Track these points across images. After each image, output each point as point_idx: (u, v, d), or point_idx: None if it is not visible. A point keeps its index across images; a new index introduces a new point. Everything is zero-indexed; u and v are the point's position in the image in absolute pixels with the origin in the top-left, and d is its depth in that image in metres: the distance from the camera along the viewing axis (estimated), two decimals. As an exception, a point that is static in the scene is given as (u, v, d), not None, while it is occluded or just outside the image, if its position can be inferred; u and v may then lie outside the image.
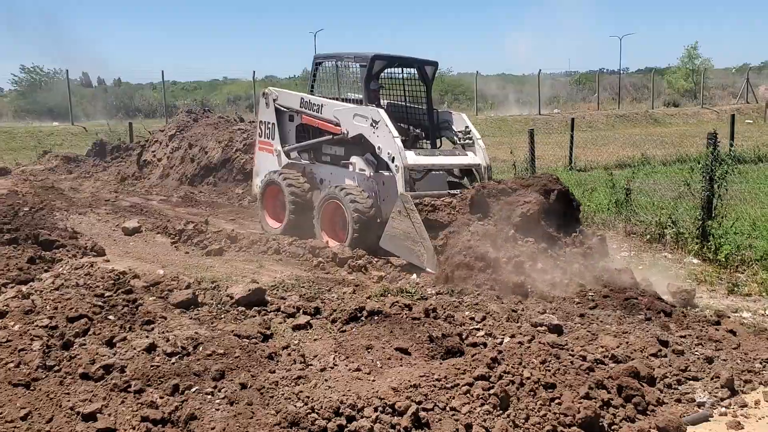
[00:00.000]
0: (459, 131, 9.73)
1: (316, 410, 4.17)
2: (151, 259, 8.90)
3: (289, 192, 10.22)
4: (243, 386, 4.52)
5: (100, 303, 5.84)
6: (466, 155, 9.44)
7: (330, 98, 10.35)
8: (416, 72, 10.24)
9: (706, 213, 9.02)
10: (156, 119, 35.17)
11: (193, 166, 15.94)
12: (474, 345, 5.51)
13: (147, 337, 5.32)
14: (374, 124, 8.95)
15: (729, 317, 6.75)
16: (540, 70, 42.36)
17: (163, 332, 5.59)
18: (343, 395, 4.31)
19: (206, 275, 7.85)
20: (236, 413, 4.18)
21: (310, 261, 8.83)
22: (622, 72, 66.87)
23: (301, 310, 6.47)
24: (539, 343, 5.45)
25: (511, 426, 4.21)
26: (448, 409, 4.29)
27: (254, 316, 6.23)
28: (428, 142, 10.19)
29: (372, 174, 9.41)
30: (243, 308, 6.43)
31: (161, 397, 4.32)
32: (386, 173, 9.26)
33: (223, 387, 4.55)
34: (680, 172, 10.16)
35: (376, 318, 6.29)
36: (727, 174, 8.86)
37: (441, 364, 4.99)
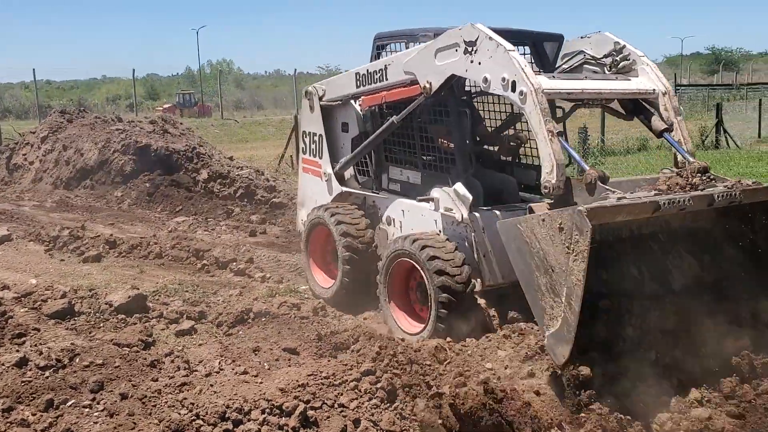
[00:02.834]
0: (605, 56, 6.16)
1: (201, 416, 4.07)
2: (22, 269, 8.43)
3: (342, 239, 6.86)
4: (123, 397, 4.36)
5: (-37, 318, 5.48)
6: (629, 81, 5.86)
7: None
8: (526, 50, 6.73)
9: None
10: (29, 120, 33.31)
11: (68, 169, 15.21)
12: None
13: (17, 351, 5.04)
14: (471, 47, 5.56)
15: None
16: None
17: (35, 345, 5.33)
18: (230, 399, 4.23)
19: (83, 283, 7.53)
20: (116, 425, 4.04)
21: (194, 264, 8.62)
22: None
23: (184, 315, 6.34)
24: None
25: (398, 418, 4.27)
26: (336, 406, 4.30)
27: (135, 324, 6.04)
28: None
29: (465, 216, 5.88)
30: (123, 316, 6.23)
31: (33, 414, 4.10)
32: (487, 213, 5.94)
33: (102, 399, 4.38)
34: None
35: (263, 319, 6.25)
36: (597, 166, 9.35)
37: (329, 361, 5.00)
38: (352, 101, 7.40)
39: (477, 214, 5.87)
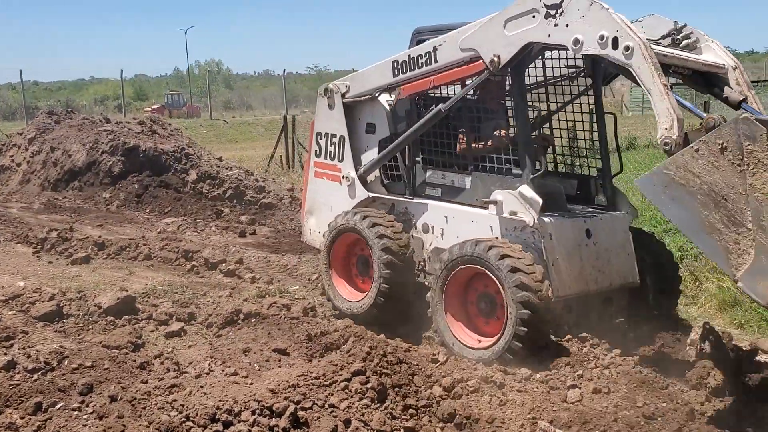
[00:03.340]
0: (662, 37, 5.71)
1: (191, 418, 4.06)
2: (10, 271, 8.36)
3: (380, 246, 6.19)
4: (113, 399, 4.35)
5: (-50, 321, 5.45)
6: (699, 56, 5.60)
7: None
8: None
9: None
10: (16, 122, 33.05)
11: (56, 171, 15.12)
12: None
13: (5, 354, 5.02)
14: (554, 10, 5.18)
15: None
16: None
17: (23, 348, 5.32)
18: (220, 401, 4.22)
19: (72, 285, 7.48)
20: (106, 428, 4.02)
21: (184, 265, 8.59)
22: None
23: (174, 317, 6.32)
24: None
25: (388, 418, 4.28)
26: (326, 406, 4.30)
27: (124, 326, 6.02)
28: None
29: (536, 220, 5.45)
30: (112, 318, 6.21)
31: (22, 417, 4.09)
32: (556, 218, 5.63)
33: (92, 401, 4.37)
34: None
35: (253, 320, 6.25)
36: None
37: (319, 362, 5.00)
38: (381, 99, 6.89)
39: (545, 219, 5.50)
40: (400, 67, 6.41)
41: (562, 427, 4.23)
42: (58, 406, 4.29)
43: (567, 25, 5.13)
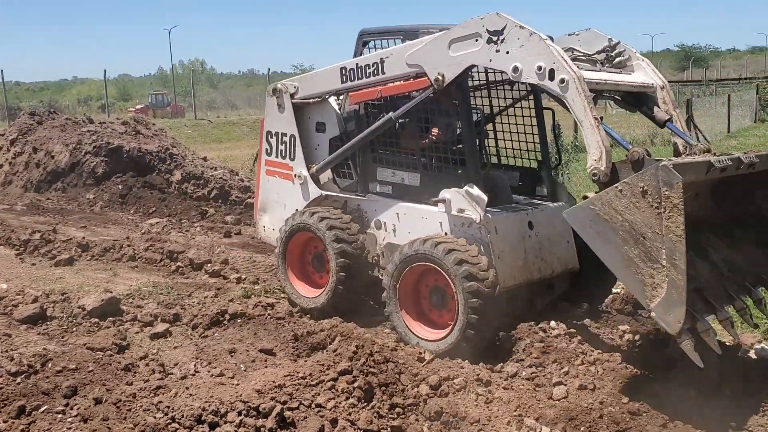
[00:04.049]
0: (597, 53, 6.07)
1: (176, 420, 4.05)
2: (-8, 273, 8.29)
3: (335, 244, 6.44)
4: (97, 401, 4.32)
5: (-69, 324, 5.39)
6: (630, 74, 5.98)
7: None
8: None
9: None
10: (-4, 122, 32.71)
11: (38, 172, 14.98)
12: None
13: (-12, 357, 4.96)
14: (495, 37, 5.39)
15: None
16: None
17: (6, 351, 5.27)
18: (206, 402, 4.21)
19: (55, 287, 7.42)
20: (90, 430, 4.01)
21: (169, 266, 8.54)
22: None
23: (159, 318, 6.29)
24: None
25: (375, 417, 4.28)
26: (313, 406, 4.30)
27: (108, 327, 5.99)
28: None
29: (482, 217, 5.68)
30: (96, 319, 6.17)
31: (5, 421, 4.06)
32: (500, 214, 5.94)
33: (76, 404, 4.34)
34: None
35: (239, 321, 6.23)
36: (570, 162, 9.42)
37: (306, 362, 4.99)
38: (331, 99, 7.08)
39: (490, 215, 5.73)
40: (348, 74, 6.57)
41: (548, 424, 4.24)
42: (41, 409, 4.25)
43: (507, 53, 5.33)
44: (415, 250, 5.73)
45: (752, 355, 5.46)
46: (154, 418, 4.07)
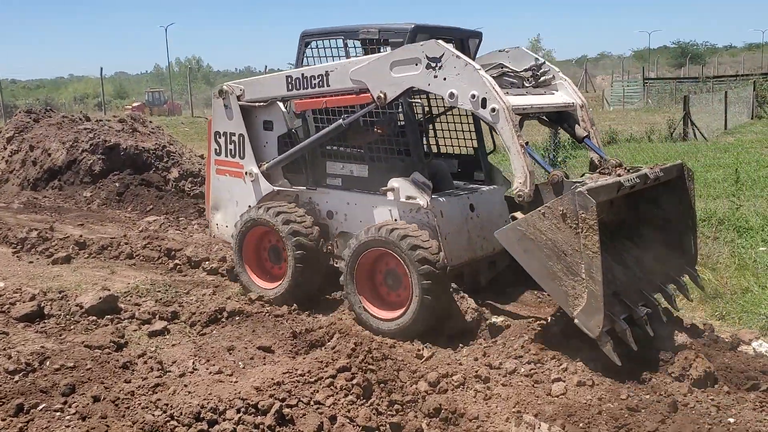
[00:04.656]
0: (524, 70, 6.61)
1: (175, 417, 4.04)
2: (-11, 272, 8.27)
3: (291, 236, 6.68)
4: (96, 399, 4.31)
5: (-71, 323, 5.37)
6: (554, 94, 6.51)
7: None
8: (454, 47, 6.61)
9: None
10: (-8, 120, 32.62)
11: (35, 170, 14.95)
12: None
13: (-14, 355, 4.95)
14: (434, 63, 5.83)
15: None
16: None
17: (4, 349, 5.25)
18: (204, 399, 4.20)
19: (53, 285, 7.41)
20: (89, 428, 3.99)
21: (167, 264, 8.53)
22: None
23: (157, 316, 6.27)
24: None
25: (374, 414, 4.28)
26: (312, 403, 4.29)
27: (106, 325, 5.97)
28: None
29: (428, 202, 6.11)
30: (94, 317, 6.15)
31: (3, 419, 4.05)
32: (445, 198, 6.41)
33: (74, 402, 4.33)
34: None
35: (237, 318, 6.22)
36: (567, 159, 9.43)
37: (304, 359, 4.99)
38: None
39: (436, 200, 6.19)
40: (293, 83, 6.92)
41: (547, 421, 4.25)
42: (40, 407, 4.24)
43: (444, 79, 5.78)
44: (371, 236, 6.06)
45: (749, 351, 5.47)
46: (153, 415, 4.06)
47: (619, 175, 5.38)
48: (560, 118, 6.54)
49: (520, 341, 5.33)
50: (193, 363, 5.08)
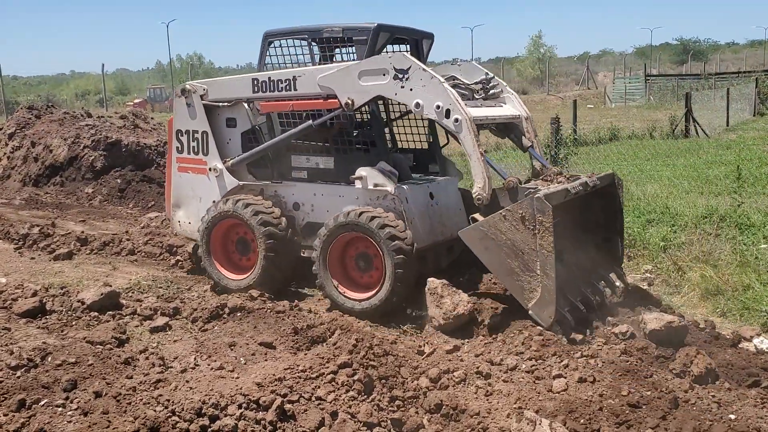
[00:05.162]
0: (475, 83, 7.05)
1: (177, 413, 4.04)
2: (-9, 268, 8.28)
3: (261, 227, 6.89)
4: (97, 395, 4.32)
5: (-69, 318, 5.38)
6: (502, 107, 7.00)
7: None
8: (410, 47, 7.51)
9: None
10: (-6, 117, 32.62)
11: (37, 166, 14.96)
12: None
13: (-13, 351, 4.95)
14: (402, 75, 6.21)
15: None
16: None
17: (6, 344, 5.26)
18: (206, 395, 4.21)
19: (55, 281, 7.42)
20: (90, 424, 3.99)
21: (168, 260, 8.54)
22: (474, 62, 69.64)
23: (158, 312, 6.28)
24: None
25: (375, 410, 4.28)
26: (313, 399, 4.30)
27: (108, 321, 5.98)
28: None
29: (395, 189, 6.52)
30: (96, 313, 6.17)
31: (5, 415, 4.05)
32: (409, 186, 6.75)
33: (76, 397, 4.34)
34: (528, 157, 10.63)
35: (239, 314, 6.21)
36: (569, 156, 9.41)
37: (306, 355, 4.99)
38: None
39: (402, 187, 6.60)
40: (260, 85, 7.17)
41: (548, 417, 4.25)
42: (42, 402, 4.25)
43: (411, 90, 6.19)
44: (341, 221, 6.44)
45: (750, 347, 5.47)
46: (155, 411, 4.06)
47: (560, 182, 6.01)
48: (508, 129, 7.09)
49: (521, 337, 5.34)
50: (195, 359, 5.09)
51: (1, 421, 3.95)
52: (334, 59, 7.18)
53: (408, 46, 7.42)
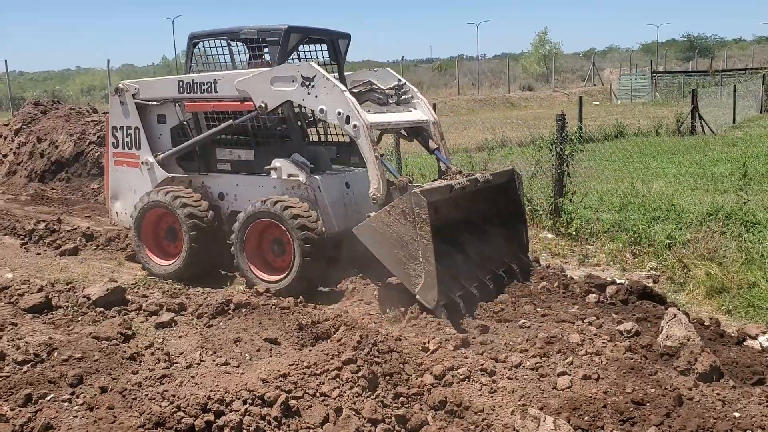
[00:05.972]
0: (389, 88, 7.70)
1: (182, 408, 4.06)
2: (-2, 263, 8.32)
3: (186, 216, 7.47)
4: (103, 390, 4.34)
5: (-62, 313, 5.41)
6: (411, 112, 7.58)
7: None
8: (326, 47, 8.20)
9: (558, 190, 9.55)
10: (1, 112, 32.77)
11: (43, 162, 15.01)
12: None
13: (-6, 346, 4.98)
14: (308, 82, 6.81)
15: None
16: (402, 57, 43.17)
17: (12, 340, 5.29)
18: (211, 391, 4.22)
19: (60, 277, 7.46)
20: (96, 419, 4.01)
21: (174, 256, 8.55)
22: (480, 58, 69.48)
23: (164, 308, 6.31)
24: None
25: (379, 406, 4.29)
26: (318, 395, 4.31)
27: (114, 317, 6.00)
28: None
29: (306, 179, 7.09)
30: (101, 309, 6.19)
31: (12, 409, 4.07)
32: (323, 176, 7.28)
33: (82, 392, 4.36)
34: (534, 153, 10.63)
35: (244, 310, 6.23)
36: (575, 153, 9.39)
37: (310, 351, 5.00)
38: None
39: (316, 177, 7.12)
40: (185, 87, 7.86)
41: (552, 414, 4.25)
42: (48, 397, 4.27)
43: (316, 96, 6.82)
44: (258, 209, 6.99)
45: (756, 345, 5.46)
46: (160, 406, 4.08)
47: (458, 180, 6.54)
48: (415, 132, 7.63)
49: (525, 335, 5.33)
50: (200, 354, 5.10)
51: (8, 416, 3.97)
52: (263, 58, 7.82)
53: (325, 46, 8.12)
